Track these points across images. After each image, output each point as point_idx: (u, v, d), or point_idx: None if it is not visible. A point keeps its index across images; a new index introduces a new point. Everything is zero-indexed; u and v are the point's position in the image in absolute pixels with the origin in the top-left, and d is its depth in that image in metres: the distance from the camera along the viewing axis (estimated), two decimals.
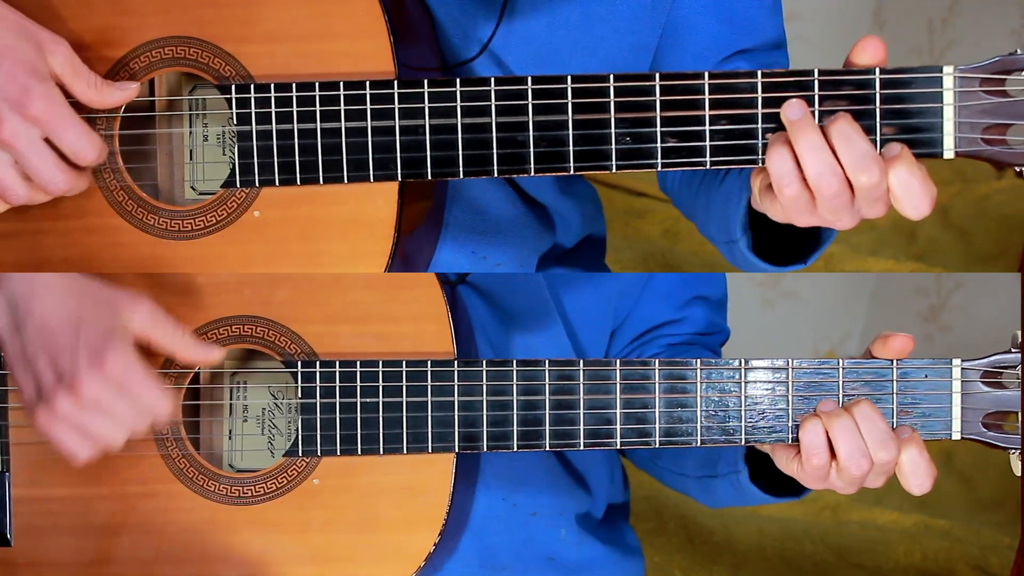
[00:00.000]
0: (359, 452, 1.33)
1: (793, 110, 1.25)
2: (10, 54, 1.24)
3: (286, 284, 1.35)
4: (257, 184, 1.32)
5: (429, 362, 1.33)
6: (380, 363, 1.33)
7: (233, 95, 1.31)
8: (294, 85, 1.30)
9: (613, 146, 1.28)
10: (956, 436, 1.31)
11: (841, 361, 1.32)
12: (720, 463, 1.43)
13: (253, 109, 1.31)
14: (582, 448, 1.32)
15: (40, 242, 1.34)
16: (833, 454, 1.29)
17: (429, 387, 1.33)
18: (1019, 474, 1.31)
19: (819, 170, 1.23)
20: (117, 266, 1.34)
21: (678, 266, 2.70)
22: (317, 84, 1.30)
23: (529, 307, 1.47)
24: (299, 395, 1.34)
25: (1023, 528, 1.73)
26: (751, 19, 1.49)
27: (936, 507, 2.58)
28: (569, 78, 1.28)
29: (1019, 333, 1.31)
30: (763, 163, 1.28)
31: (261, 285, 1.35)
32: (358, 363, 1.33)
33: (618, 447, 1.33)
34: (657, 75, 1.27)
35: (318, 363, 1.34)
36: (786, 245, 1.40)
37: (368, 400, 1.33)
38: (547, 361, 1.33)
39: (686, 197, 1.57)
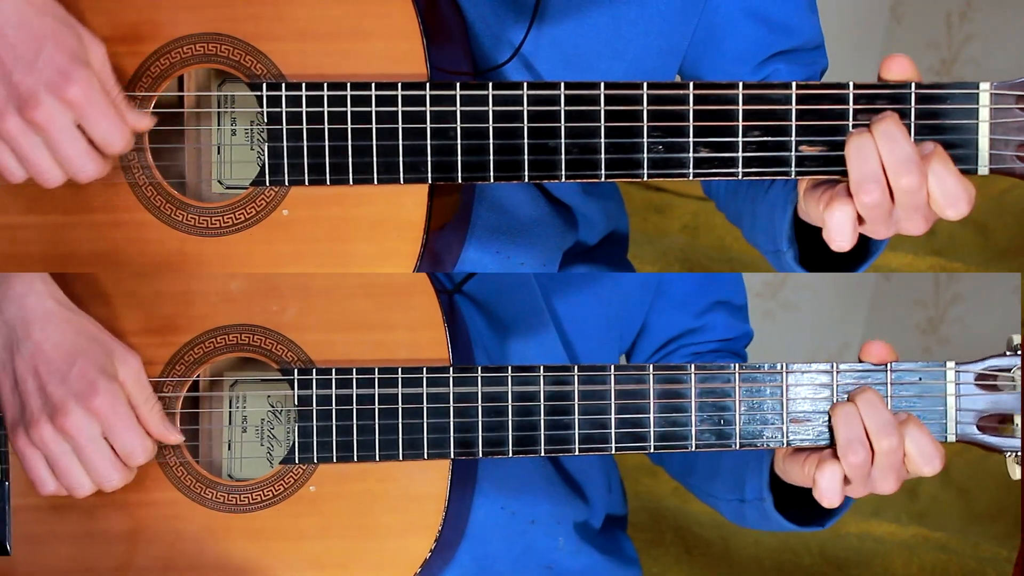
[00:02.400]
0: (355, 459, 1.33)
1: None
2: (52, 38, 1.25)
3: (283, 293, 1.35)
4: (287, 183, 1.31)
5: (424, 369, 1.33)
6: (376, 370, 1.33)
7: (264, 93, 1.31)
8: (325, 84, 1.30)
9: (645, 155, 1.28)
10: (951, 439, 1.31)
11: (835, 366, 1.32)
12: (747, 488, 1.43)
13: (284, 108, 1.31)
14: (577, 453, 1.33)
15: (68, 235, 1.35)
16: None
17: (424, 394, 1.33)
18: (1016, 477, 1.31)
19: (862, 175, 1.22)
20: (144, 261, 1.34)
21: (697, 261, 2.69)
22: (349, 84, 1.30)
23: (523, 315, 1.47)
24: (296, 403, 1.34)
25: (1023, 533, 1.72)
26: (788, 20, 1.49)
27: (933, 519, 2.57)
28: (602, 85, 1.27)
29: (1015, 336, 1.32)
30: (796, 175, 1.27)
31: (258, 294, 1.36)
32: (354, 370, 1.33)
33: (613, 452, 1.33)
34: (691, 84, 1.27)
35: (314, 371, 1.34)
36: (834, 256, 1.40)
37: (364, 407, 1.33)
38: (542, 367, 1.33)
39: (732, 203, 1.56)
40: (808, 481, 1.32)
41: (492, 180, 1.30)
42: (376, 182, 1.31)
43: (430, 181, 1.30)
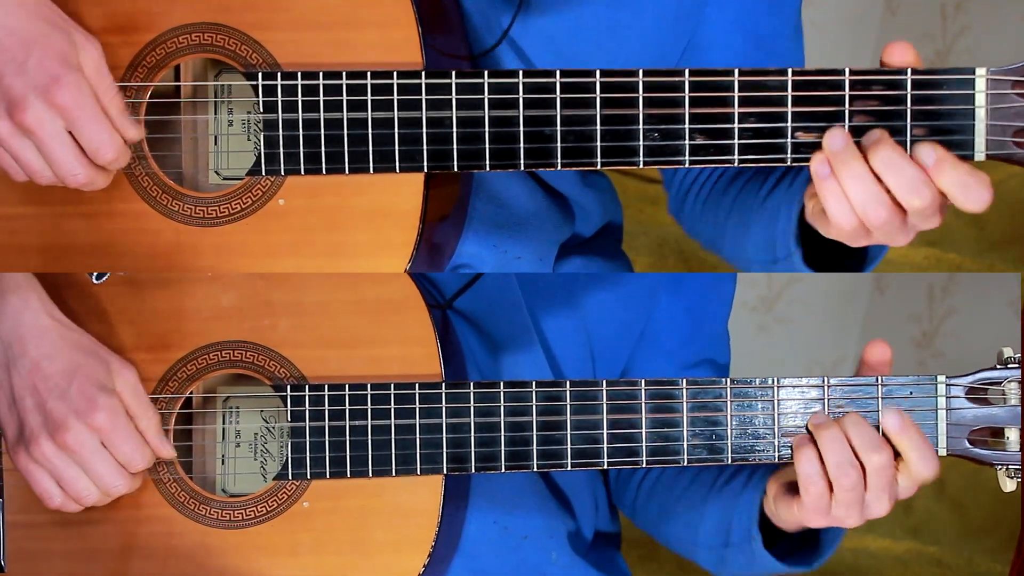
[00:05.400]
0: (348, 475, 1.34)
1: (835, 140, 1.24)
2: (42, 41, 1.24)
3: (275, 309, 1.36)
4: (282, 172, 1.31)
5: (417, 384, 1.33)
6: (368, 386, 1.33)
7: (260, 82, 1.30)
8: (321, 74, 1.30)
9: (641, 142, 1.28)
10: (942, 452, 1.31)
11: (827, 379, 1.32)
12: (733, 531, 1.43)
13: (280, 97, 1.31)
14: (569, 468, 1.33)
15: (64, 226, 1.35)
16: (830, 484, 1.29)
17: (417, 409, 1.33)
18: (1008, 490, 1.31)
19: (864, 199, 1.22)
20: (141, 252, 1.34)
21: (692, 253, 2.68)
22: (344, 73, 1.30)
23: (512, 333, 1.48)
24: (289, 419, 1.34)
25: (1019, 543, 1.73)
26: (775, 43, 1.49)
27: (928, 534, 2.57)
28: (598, 73, 1.28)
29: (1005, 350, 1.32)
30: (792, 162, 1.27)
31: (250, 310, 1.36)
32: (347, 386, 1.34)
33: (605, 467, 1.33)
34: (687, 71, 1.27)
35: (307, 387, 1.34)
36: (838, 256, 1.39)
37: (357, 423, 1.33)
38: (534, 383, 1.33)
39: (710, 219, 1.54)
40: (798, 522, 1.32)
41: (488, 169, 1.30)
42: (372, 171, 1.31)
43: (426, 170, 1.30)
